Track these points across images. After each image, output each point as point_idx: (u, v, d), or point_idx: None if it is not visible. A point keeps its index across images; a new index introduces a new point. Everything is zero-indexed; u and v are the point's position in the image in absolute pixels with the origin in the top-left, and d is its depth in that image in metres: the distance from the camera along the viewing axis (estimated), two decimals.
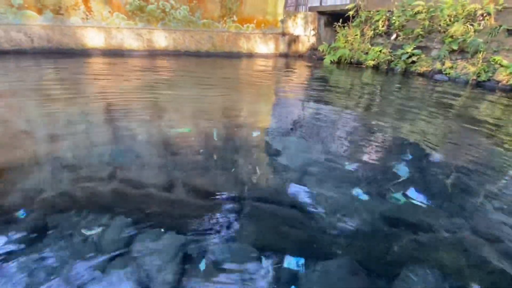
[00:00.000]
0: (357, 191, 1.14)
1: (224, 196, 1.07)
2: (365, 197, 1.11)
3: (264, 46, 5.93)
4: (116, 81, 2.92)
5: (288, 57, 6.20)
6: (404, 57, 4.45)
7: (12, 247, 0.79)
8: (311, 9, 6.66)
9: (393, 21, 4.71)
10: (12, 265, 0.73)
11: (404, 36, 4.63)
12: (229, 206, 1.02)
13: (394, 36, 4.81)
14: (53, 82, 2.73)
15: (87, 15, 4.30)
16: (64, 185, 1.09)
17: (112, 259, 0.76)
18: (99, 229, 0.88)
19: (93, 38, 4.44)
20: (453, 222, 0.98)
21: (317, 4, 7.88)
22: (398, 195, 1.13)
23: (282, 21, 5.92)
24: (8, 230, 0.85)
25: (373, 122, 2.04)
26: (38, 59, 3.80)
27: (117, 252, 0.79)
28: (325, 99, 2.72)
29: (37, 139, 1.49)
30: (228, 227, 0.92)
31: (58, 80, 2.84)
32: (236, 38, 5.56)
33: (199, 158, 1.37)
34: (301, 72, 4.56)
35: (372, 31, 5.03)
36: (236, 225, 0.92)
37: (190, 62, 4.55)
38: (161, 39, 4.94)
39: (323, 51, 5.81)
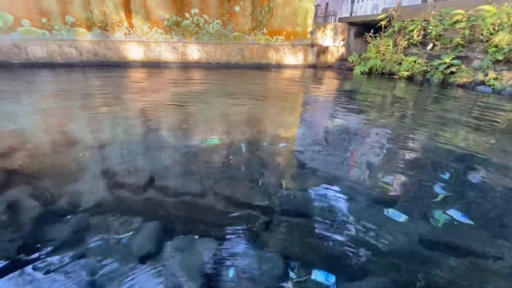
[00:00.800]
0: (392, 209, 1.09)
1: (253, 206, 1.08)
2: (401, 215, 1.06)
3: (292, 57, 5.98)
4: (152, 91, 3.11)
5: (317, 68, 6.18)
6: (441, 67, 4.23)
7: (54, 246, 0.87)
8: (341, 20, 6.62)
9: (429, 31, 4.51)
10: (54, 262, 0.80)
11: (441, 46, 4.41)
12: (258, 216, 1.03)
13: (430, 46, 4.60)
14: (96, 92, 2.99)
15: (129, 31, 4.68)
16: (102, 190, 1.18)
17: (142, 262, 0.81)
18: (130, 233, 0.93)
19: (134, 52, 4.80)
20: (500, 246, 0.90)
21: (347, 15, 7.83)
22: (438, 214, 1.06)
23: (312, 33, 5.95)
24: (52, 230, 0.93)
25: (410, 135, 1.95)
26: (85, 71, 4.19)
27: (147, 256, 0.83)
28: (356, 111, 2.66)
29: (77, 145, 1.63)
30: (257, 236, 0.93)
31: (100, 90, 3.09)
32: (266, 50, 5.68)
33: (229, 169, 1.40)
34: (330, 82, 4.51)
35: (406, 41, 4.86)
36: (264, 235, 0.93)
37: (221, 73, 4.72)
38: (194, 52, 5.19)
39: (353, 61, 5.72)
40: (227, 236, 0.93)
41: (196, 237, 0.92)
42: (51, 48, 4.34)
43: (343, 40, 6.35)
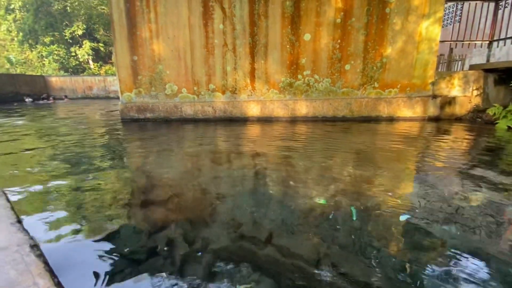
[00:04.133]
0: None
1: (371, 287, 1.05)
2: None
3: (408, 110, 5.51)
4: (262, 144, 3.53)
5: (440, 121, 5.41)
6: None
7: (182, 284, 1.10)
8: (473, 67, 5.73)
9: None
10: None
11: None
12: None
13: None
14: (221, 142, 3.67)
15: (251, 93, 5.64)
16: (226, 240, 1.41)
17: None
18: (249, 285, 1.07)
19: (253, 109, 5.69)
20: None
21: (481, 60, 6.70)
22: None
23: (433, 83, 5.39)
24: (182, 272, 1.19)
25: None
26: (217, 124, 5.24)
27: None
28: (498, 179, 2.15)
29: (206, 194, 2.03)
30: None
31: (224, 140, 3.78)
32: (376, 103, 5.51)
33: (340, 235, 1.41)
34: (459, 139, 3.84)
35: None
36: None
37: (327, 127, 4.86)
38: (303, 108, 5.64)
39: (494, 114, 4.71)
40: None
41: None
42: (196, 108, 5.73)
43: (477, 89, 5.40)
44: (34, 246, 1.03)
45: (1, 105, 11.62)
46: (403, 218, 1.59)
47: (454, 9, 10.80)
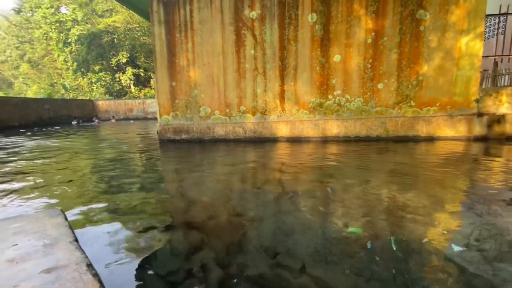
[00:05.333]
0: None
1: None
2: None
3: (450, 129, 5.16)
4: (291, 166, 3.51)
5: (488, 141, 4.97)
6: None
7: None
8: None
9: None
10: None
11: None
12: None
13: None
14: (252, 161, 3.72)
15: (281, 113, 5.72)
16: (262, 266, 1.41)
17: None
18: None
19: (282, 129, 5.74)
20: None
21: None
22: None
23: (478, 101, 5.03)
24: None
25: None
26: (247, 145, 5.36)
27: None
28: None
29: (239, 216, 2.05)
30: None
31: (253, 161, 3.83)
32: (413, 122, 5.25)
33: (380, 269, 1.34)
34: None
35: None
36: None
37: (360, 148, 4.71)
38: (334, 127, 5.56)
39: None
40: None
41: None
42: (228, 129, 5.93)
43: None
44: (90, 265, 1.12)
45: (55, 126, 13.07)
46: (452, 251, 1.47)
47: (497, 21, 10.17)
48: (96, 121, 16.53)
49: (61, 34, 25.62)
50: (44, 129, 11.73)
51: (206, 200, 2.40)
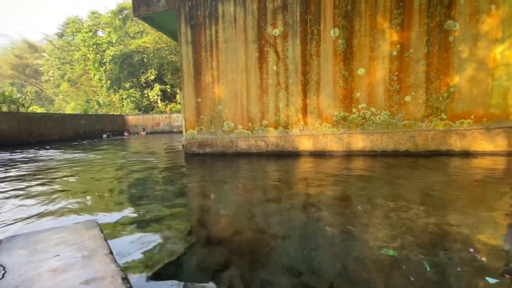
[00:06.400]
0: None
1: None
2: None
3: (487, 143, 4.82)
4: (319, 181, 3.44)
5: None
6: None
7: None
8: None
9: None
10: None
11: None
12: None
13: None
14: (275, 176, 3.70)
15: (303, 127, 5.70)
16: (284, 285, 1.38)
17: None
18: None
19: (305, 143, 5.70)
20: None
21: None
22: None
23: None
24: None
25: None
26: (269, 158, 5.36)
27: None
28: None
29: (260, 232, 2.03)
30: None
31: (279, 175, 3.81)
32: (445, 135, 4.98)
33: None
34: None
35: None
36: None
37: (387, 163, 4.53)
38: (359, 141, 5.41)
39: None
40: None
41: None
42: (250, 142, 6.00)
43: None
44: (125, 279, 1.17)
45: (89, 139, 13.98)
46: (491, 281, 1.34)
47: None
48: (126, 134, 17.49)
49: (97, 55, 27.93)
50: (79, 141, 12.61)
51: (229, 215, 2.42)
